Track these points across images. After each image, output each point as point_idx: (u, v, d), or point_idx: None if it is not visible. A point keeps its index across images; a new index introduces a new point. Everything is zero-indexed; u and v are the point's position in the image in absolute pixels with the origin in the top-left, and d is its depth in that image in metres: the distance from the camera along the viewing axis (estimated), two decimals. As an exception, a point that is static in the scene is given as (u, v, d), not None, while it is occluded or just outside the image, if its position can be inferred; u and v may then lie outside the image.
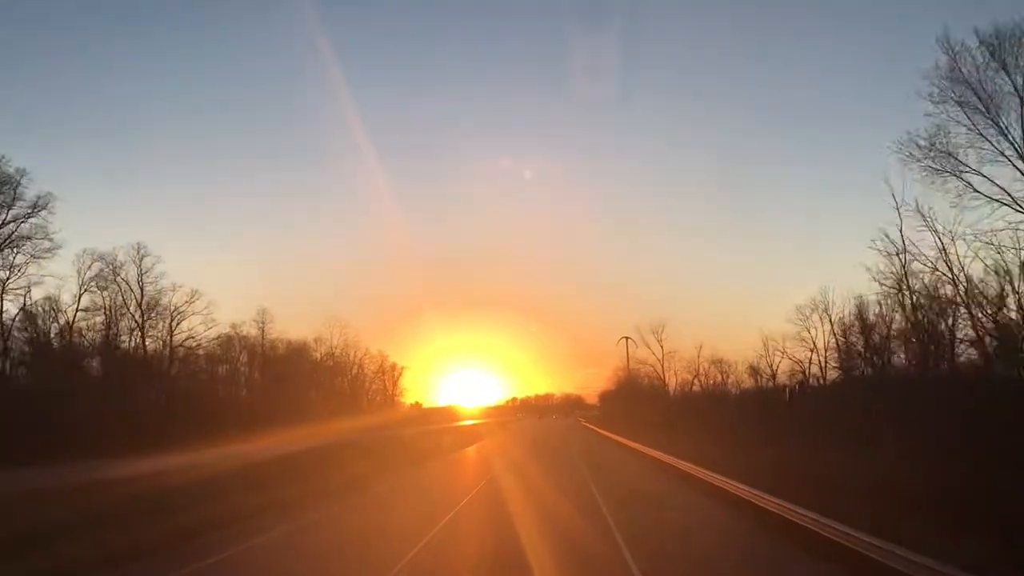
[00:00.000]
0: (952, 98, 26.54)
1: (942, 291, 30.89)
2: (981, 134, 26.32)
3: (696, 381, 61.22)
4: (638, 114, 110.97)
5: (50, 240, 39.52)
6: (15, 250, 39.01)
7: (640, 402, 64.48)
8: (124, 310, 47.34)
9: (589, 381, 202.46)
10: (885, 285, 33.60)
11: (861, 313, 38.97)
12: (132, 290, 47.66)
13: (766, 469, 19.73)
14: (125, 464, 26.38)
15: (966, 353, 30.84)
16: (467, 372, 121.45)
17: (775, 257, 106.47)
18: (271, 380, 60.46)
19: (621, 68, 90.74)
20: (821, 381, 45.02)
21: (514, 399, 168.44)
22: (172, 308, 49.77)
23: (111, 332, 46.23)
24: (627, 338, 71.02)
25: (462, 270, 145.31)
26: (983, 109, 26.15)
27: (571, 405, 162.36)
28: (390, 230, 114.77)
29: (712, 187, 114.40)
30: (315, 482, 22.86)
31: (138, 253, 47.69)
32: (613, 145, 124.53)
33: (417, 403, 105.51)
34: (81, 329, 45.03)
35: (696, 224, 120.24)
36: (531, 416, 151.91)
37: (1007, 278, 27.94)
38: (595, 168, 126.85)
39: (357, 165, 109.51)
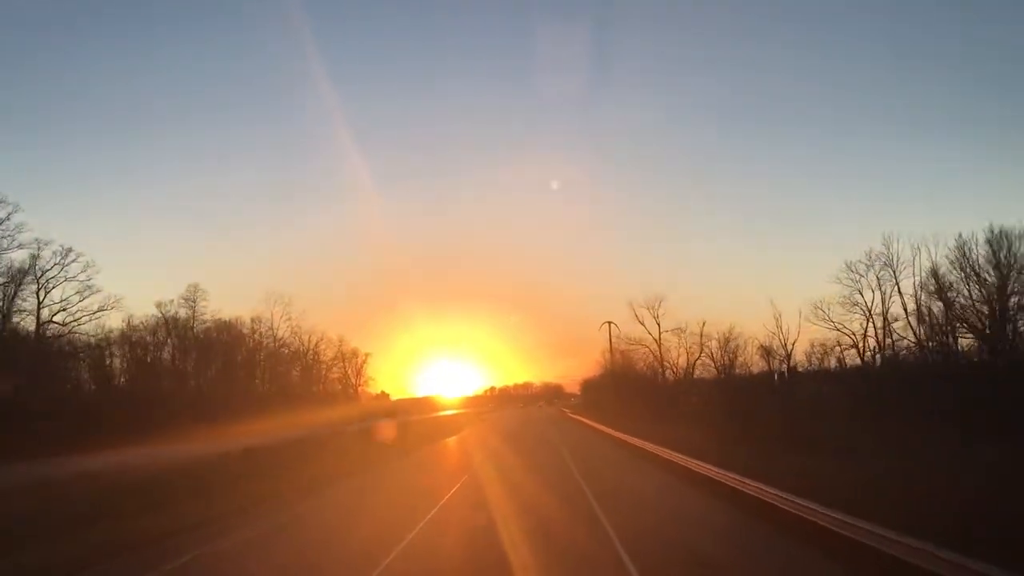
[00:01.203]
0: None
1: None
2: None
3: (698, 363, 55.06)
4: (620, 98, 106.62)
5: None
6: None
7: (631, 389, 58.19)
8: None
9: (568, 371, 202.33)
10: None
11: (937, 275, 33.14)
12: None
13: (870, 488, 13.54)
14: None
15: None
16: (446, 362, 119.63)
17: (787, 229, 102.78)
18: (202, 367, 52.91)
19: (594, 56, 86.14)
20: (877, 355, 38.95)
21: (493, 389, 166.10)
22: (40, 274, 41.23)
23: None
24: (610, 323, 67.68)
25: (441, 261, 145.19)
26: None
27: (551, 394, 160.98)
28: (368, 221, 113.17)
29: (706, 150, 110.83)
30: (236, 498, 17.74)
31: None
32: (594, 129, 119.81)
33: (384, 393, 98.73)
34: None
35: (688, 198, 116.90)
36: (512, 406, 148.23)
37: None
38: (577, 153, 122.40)
39: (337, 157, 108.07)
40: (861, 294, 42.49)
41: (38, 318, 41.54)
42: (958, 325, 34.52)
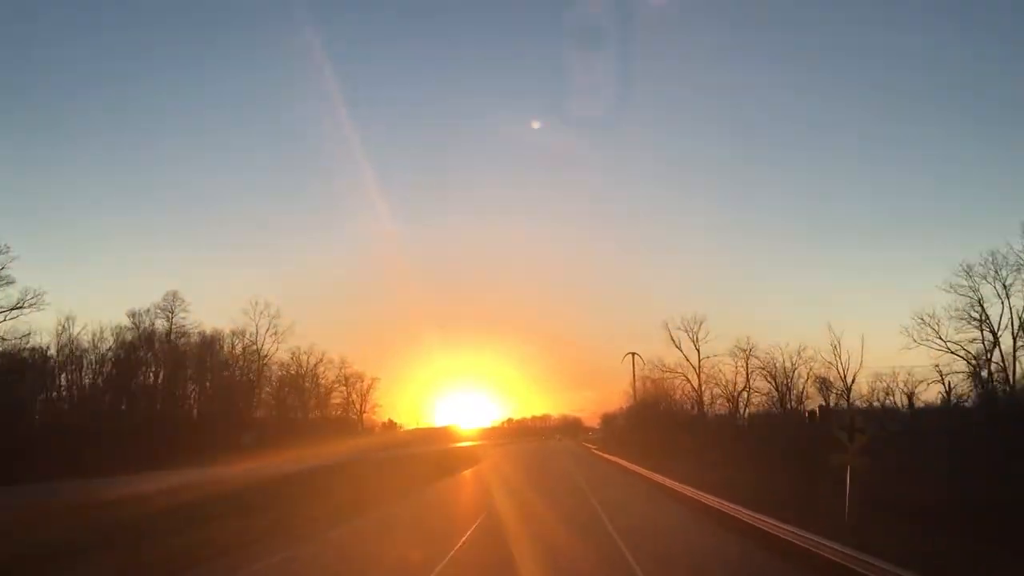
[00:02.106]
0: None
1: None
2: None
3: (744, 393, 47.98)
4: (642, 125, 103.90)
5: None
6: None
7: (664, 423, 51.09)
8: None
9: (586, 403, 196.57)
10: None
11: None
12: None
13: None
14: None
15: None
16: (462, 393, 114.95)
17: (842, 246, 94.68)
18: (175, 386, 47.21)
19: (617, 83, 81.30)
20: (1009, 385, 31.84)
21: (510, 420, 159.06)
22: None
23: None
24: (634, 354, 64.10)
25: (460, 290, 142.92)
26: None
27: (570, 427, 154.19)
28: (382, 247, 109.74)
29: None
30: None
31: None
32: (616, 157, 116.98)
33: (391, 421, 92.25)
34: None
35: (717, 219, 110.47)
36: (528, 439, 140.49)
37: None
38: (600, 180, 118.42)
39: (352, 181, 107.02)
40: (981, 305, 34.75)
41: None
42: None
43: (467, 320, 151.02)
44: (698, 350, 53.93)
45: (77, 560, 12.45)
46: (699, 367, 52.79)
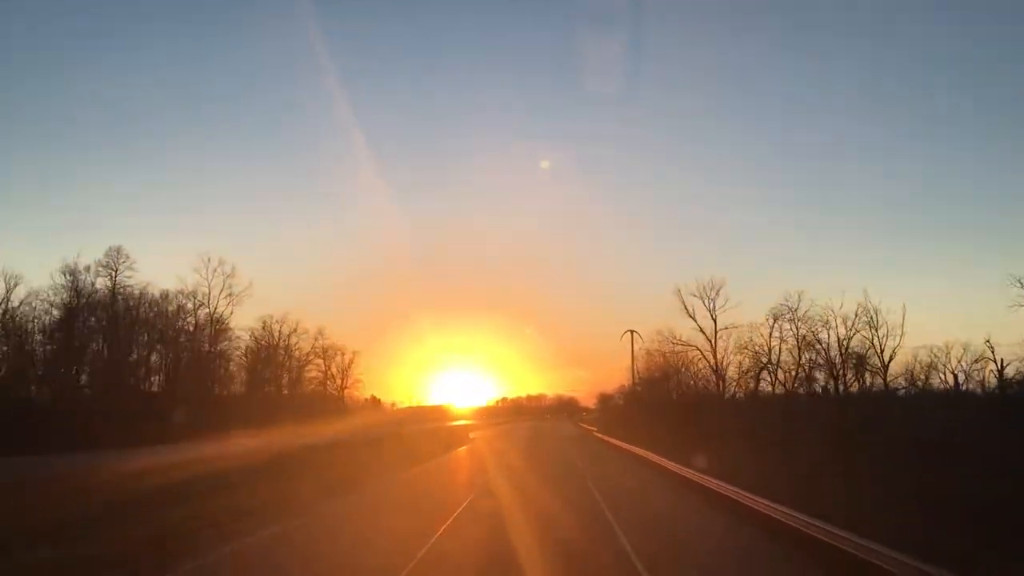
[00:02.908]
0: None
1: None
2: None
3: (765, 373, 42.28)
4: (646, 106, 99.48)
5: None
6: None
7: (673, 403, 45.49)
8: None
9: (580, 383, 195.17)
10: None
11: None
12: None
13: None
14: None
15: None
16: (456, 372, 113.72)
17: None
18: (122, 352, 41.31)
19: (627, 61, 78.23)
20: None
21: (504, 399, 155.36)
22: None
23: None
24: (632, 331, 62.01)
25: (453, 268, 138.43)
26: None
27: (565, 407, 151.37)
28: (376, 225, 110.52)
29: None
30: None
31: None
32: (620, 137, 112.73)
33: (375, 398, 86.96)
34: None
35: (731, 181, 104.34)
36: (523, 418, 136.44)
37: None
38: (606, 160, 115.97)
39: (350, 164, 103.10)
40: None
41: None
42: None
43: (462, 298, 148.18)
44: (715, 319, 48.06)
45: None
46: (715, 340, 46.89)
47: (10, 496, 15.52)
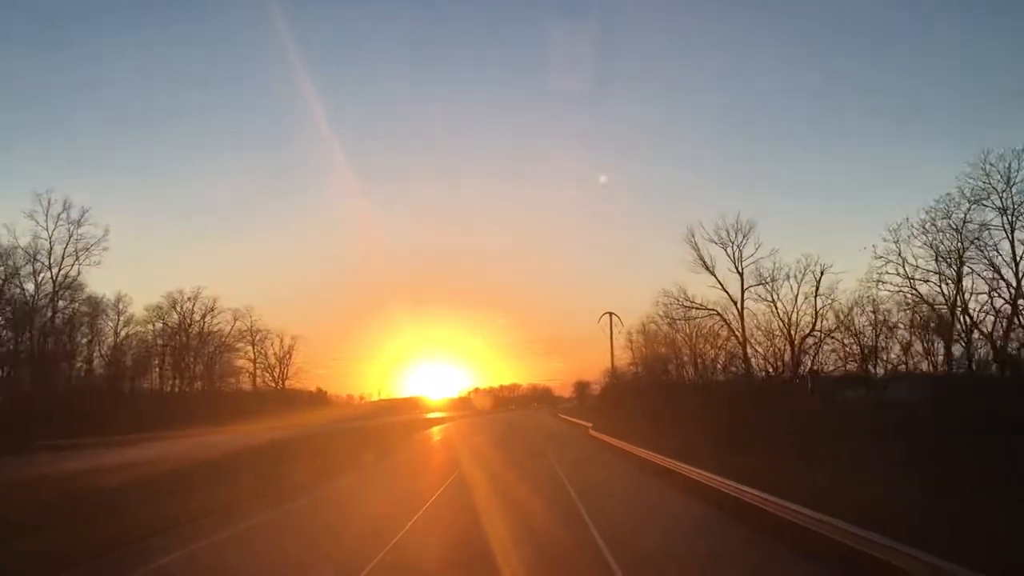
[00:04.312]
0: None
1: None
2: None
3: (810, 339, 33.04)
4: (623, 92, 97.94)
5: None
6: None
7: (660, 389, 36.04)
8: None
9: (556, 373, 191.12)
10: None
11: None
12: None
13: None
14: None
15: None
16: (429, 364, 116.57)
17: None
18: None
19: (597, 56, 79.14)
20: None
21: (477, 390, 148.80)
22: None
23: None
24: (611, 314, 61.50)
25: (424, 261, 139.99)
26: None
27: (539, 397, 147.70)
28: (349, 220, 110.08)
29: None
30: None
31: None
32: (591, 122, 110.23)
33: (321, 390, 77.20)
34: None
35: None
36: (493, 410, 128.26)
37: None
38: (574, 151, 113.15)
39: (317, 154, 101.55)
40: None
41: None
42: None
43: (434, 292, 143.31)
44: (741, 274, 37.86)
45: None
46: (741, 301, 37.06)
47: None
